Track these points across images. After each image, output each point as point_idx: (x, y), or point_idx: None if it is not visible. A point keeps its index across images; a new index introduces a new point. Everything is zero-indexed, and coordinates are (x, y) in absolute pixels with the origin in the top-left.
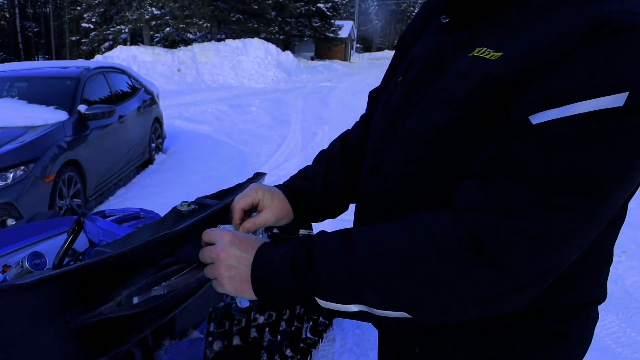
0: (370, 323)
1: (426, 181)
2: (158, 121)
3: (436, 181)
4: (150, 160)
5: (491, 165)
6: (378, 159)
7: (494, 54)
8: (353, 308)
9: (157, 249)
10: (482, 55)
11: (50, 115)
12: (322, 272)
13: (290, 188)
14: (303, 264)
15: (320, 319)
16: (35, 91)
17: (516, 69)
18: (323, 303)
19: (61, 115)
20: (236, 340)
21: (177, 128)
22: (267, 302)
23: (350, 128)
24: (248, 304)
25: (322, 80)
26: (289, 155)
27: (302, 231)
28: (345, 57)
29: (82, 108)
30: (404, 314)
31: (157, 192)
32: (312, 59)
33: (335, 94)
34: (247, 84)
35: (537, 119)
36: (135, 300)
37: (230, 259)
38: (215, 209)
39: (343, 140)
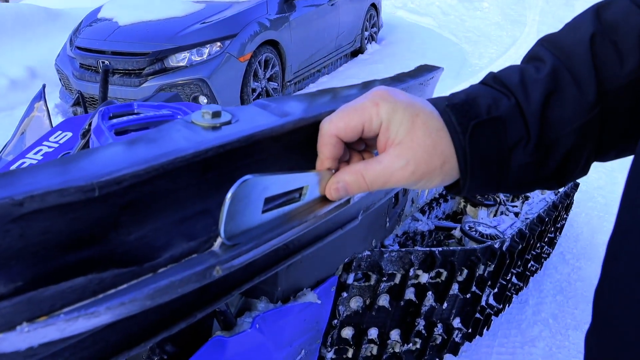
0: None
1: None
2: (375, 8)
3: None
4: (360, 50)
5: None
6: None
7: None
8: None
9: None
10: None
11: None
12: None
13: (463, 108)
14: None
15: (513, 279)
16: None
17: None
18: None
19: None
20: (383, 300)
21: (397, 19)
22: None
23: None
24: None
25: None
26: (518, 60)
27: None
28: None
29: None
30: None
31: None
32: None
33: None
34: None
35: None
36: None
37: None
38: (265, 130)
39: (599, 13)
